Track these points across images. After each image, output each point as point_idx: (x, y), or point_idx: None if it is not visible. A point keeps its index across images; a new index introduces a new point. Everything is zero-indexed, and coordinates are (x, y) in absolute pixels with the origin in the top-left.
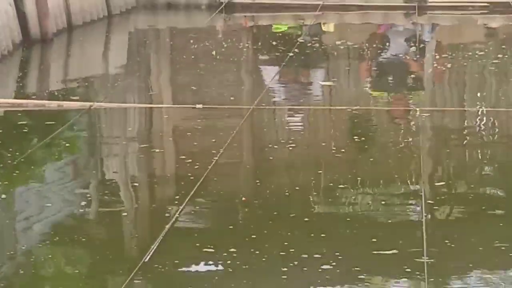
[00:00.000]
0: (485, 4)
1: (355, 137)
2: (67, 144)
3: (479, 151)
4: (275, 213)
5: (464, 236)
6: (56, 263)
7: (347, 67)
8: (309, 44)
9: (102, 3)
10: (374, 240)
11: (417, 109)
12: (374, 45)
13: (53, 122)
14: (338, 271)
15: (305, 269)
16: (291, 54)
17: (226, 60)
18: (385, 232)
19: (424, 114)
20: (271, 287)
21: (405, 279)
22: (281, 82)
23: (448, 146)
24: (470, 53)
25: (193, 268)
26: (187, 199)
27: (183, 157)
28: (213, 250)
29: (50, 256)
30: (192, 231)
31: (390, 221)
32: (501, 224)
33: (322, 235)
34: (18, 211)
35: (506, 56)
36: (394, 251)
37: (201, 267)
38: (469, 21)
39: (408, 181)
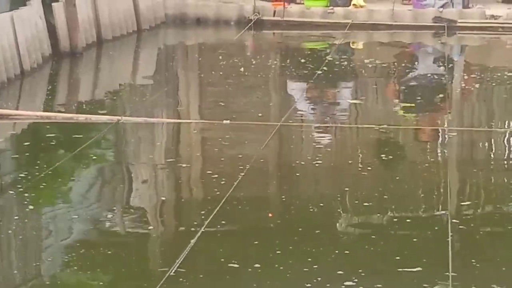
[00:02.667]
0: None
1: (382, 155)
2: (94, 157)
3: (506, 171)
4: (300, 229)
5: (489, 256)
6: (82, 275)
7: (375, 85)
8: (337, 62)
9: (132, 18)
10: (398, 257)
11: (445, 128)
12: (403, 64)
13: (81, 135)
14: (361, 287)
15: (328, 285)
16: (319, 71)
17: (254, 76)
18: (409, 250)
19: (451, 134)
20: None
21: None
22: (309, 99)
23: (474, 166)
24: (498, 74)
25: (218, 282)
26: (213, 214)
27: (210, 172)
28: (237, 266)
29: (75, 267)
30: (217, 246)
31: (415, 239)
32: None
33: (346, 251)
34: (45, 222)
35: None
36: (419, 268)
37: (226, 282)
38: (499, 42)
39: (434, 200)
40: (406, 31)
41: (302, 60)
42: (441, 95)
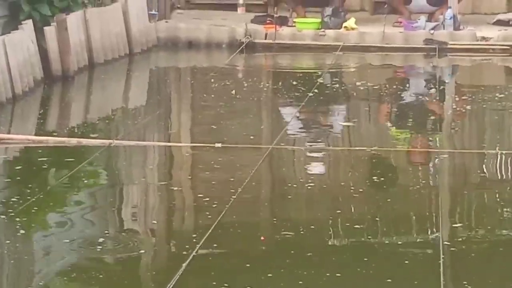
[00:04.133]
0: (506, 47)
1: (374, 177)
2: (86, 181)
3: (497, 193)
4: (291, 252)
5: (481, 277)
6: None
7: (367, 108)
8: (329, 85)
9: (124, 41)
10: (390, 280)
11: (436, 150)
12: (394, 86)
13: (73, 159)
14: None
15: None
16: (311, 94)
17: (246, 99)
18: (401, 272)
19: (443, 156)
20: None
21: None
22: (301, 122)
23: (466, 188)
24: (490, 95)
25: None
26: (204, 237)
27: (201, 195)
28: None
29: None
30: (209, 269)
31: (407, 261)
32: None
33: (338, 274)
34: (37, 247)
35: None
36: None
37: None
38: (489, 63)
39: (426, 222)
40: (398, 53)
41: (294, 83)
42: (432, 117)
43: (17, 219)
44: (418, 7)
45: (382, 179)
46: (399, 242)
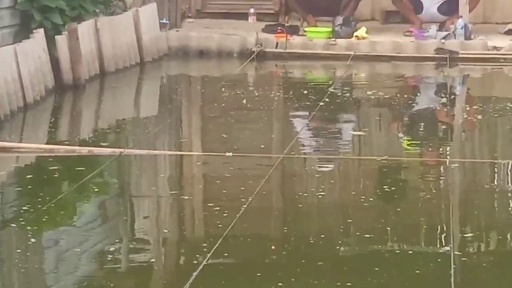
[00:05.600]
0: None
1: (385, 187)
2: (97, 190)
3: (509, 203)
4: (302, 261)
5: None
6: None
7: (378, 117)
8: (340, 94)
9: (135, 50)
10: None
11: (447, 160)
12: (405, 96)
13: (84, 168)
14: None
15: None
16: (321, 103)
17: (257, 108)
18: (412, 282)
19: (454, 165)
20: None
21: None
22: (312, 131)
23: (477, 198)
24: (501, 105)
25: None
26: (215, 247)
27: (212, 204)
28: None
29: None
30: (219, 279)
31: (417, 271)
32: None
33: (348, 283)
34: (47, 255)
35: None
36: None
37: None
38: (500, 73)
39: (436, 231)
40: (409, 62)
41: (305, 92)
42: (443, 127)
43: (28, 227)
44: (429, 16)
45: (393, 188)
46: (410, 252)
